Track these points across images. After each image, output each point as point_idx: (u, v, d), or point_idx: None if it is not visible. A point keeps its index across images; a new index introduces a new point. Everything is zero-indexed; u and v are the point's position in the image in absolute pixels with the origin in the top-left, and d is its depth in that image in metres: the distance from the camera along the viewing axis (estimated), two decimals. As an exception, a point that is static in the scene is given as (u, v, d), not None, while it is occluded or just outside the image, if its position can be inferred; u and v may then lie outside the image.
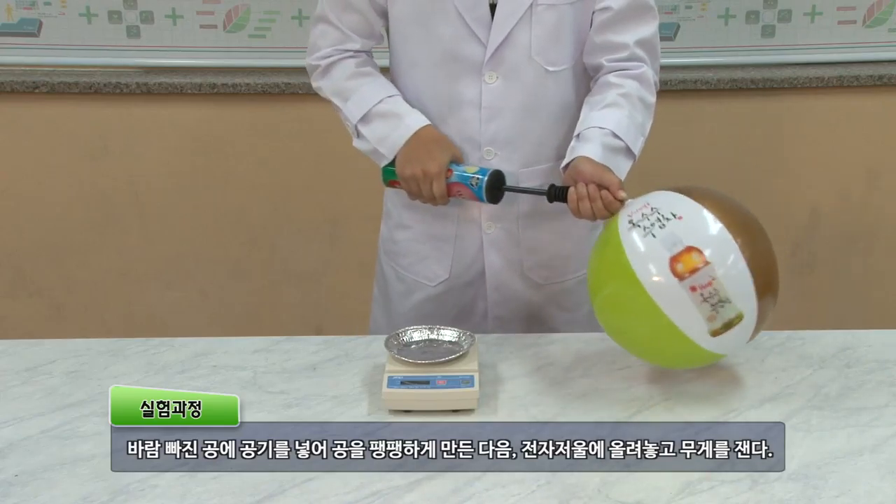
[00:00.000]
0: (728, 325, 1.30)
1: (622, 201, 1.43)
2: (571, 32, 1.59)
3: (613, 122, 1.55)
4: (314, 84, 1.69)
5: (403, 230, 1.73)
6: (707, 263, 1.28)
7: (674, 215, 1.32)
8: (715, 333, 1.30)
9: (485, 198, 1.55)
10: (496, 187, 1.56)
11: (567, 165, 1.53)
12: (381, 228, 1.81)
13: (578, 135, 1.56)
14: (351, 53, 1.65)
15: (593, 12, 1.59)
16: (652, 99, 1.63)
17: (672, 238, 1.30)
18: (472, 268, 1.71)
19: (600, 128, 1.54)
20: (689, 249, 1.29)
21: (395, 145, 1.59)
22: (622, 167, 1.56)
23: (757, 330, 1.35)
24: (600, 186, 1.45)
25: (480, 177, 1.54)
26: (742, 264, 1.29)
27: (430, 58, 1.60)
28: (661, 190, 1.40)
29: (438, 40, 1.58)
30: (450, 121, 1.61)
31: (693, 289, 1.28)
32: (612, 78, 1.60)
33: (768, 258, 1.35)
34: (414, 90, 1.63)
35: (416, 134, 1.58)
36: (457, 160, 1.58)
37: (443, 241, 1.70)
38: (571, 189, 1.49)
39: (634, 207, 1.37)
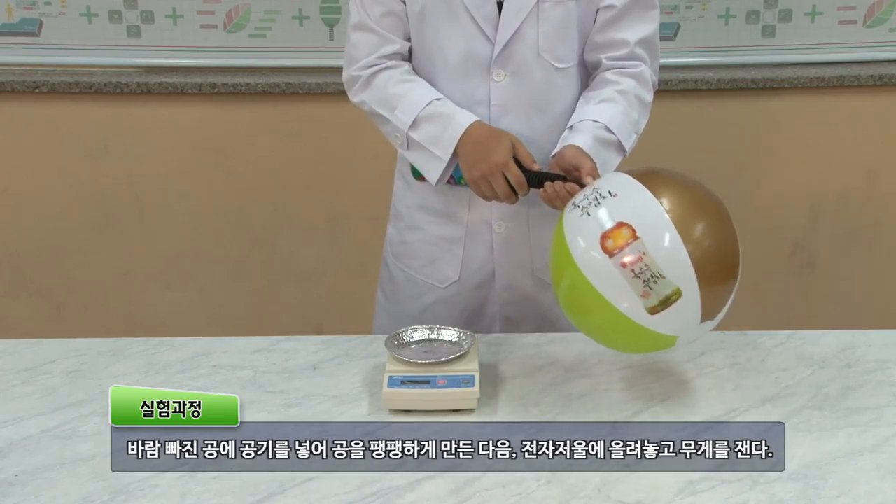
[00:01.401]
0: (665, 303, 1.25)
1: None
2: (577, 29, 1.60)
3: (607, 117, 1.55)
4: (355, 98, 1.65)
5: (414, 232, 1.73)
6: (636, 238, 1.25)
7: (610, 193, 1.30)
8: (653, 311, 1.25)
9: None
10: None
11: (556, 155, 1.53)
12: (389, 231, 1.79)
13: (571, 126, 1.57)
14: (393, 63, 1.62)
15: (597, 10, 1.59)
16: (649, 98, 1.63)
17: (605, 215, 1.28)
18: (483, 269, 1.71)
19: (594, 121, 1.55)
20: (620, 225, 1.26)
21: (450, 143, 1.55)
22: (611, 161, 1.56)
23: (712, 311, 1.29)
24: (572, 172, 1.46)
25: None
26: (677, 240, 1.25)
27: (437, 56, 1.59)
28: (617, 172, 1.38)
29: (446, 38, 1.57)
30: None
31: (623, 265, 1.24)
32: (609, 75, 1.60)
33: (724, 239, 1.31)
34: None
35: (469, 135, 1.54)
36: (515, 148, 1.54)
37: (452, 243, 1.70)
38: (542, 190, 1.49)
39: (583, 192, 1.36)
